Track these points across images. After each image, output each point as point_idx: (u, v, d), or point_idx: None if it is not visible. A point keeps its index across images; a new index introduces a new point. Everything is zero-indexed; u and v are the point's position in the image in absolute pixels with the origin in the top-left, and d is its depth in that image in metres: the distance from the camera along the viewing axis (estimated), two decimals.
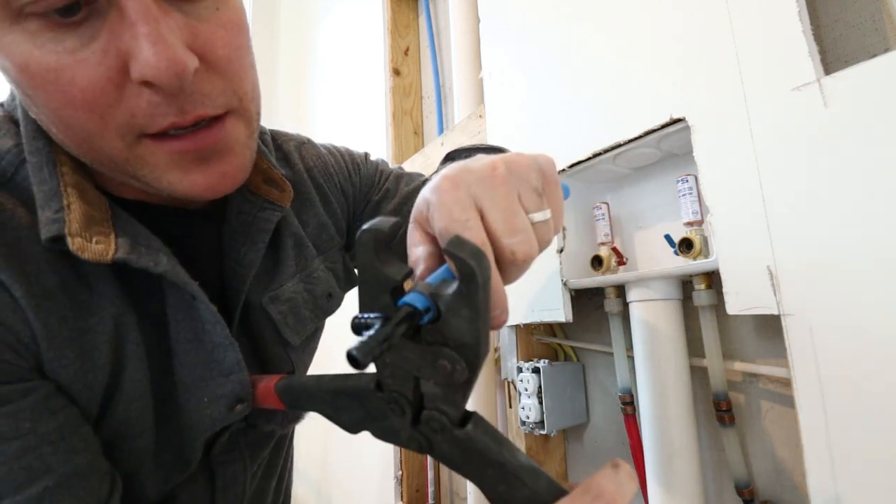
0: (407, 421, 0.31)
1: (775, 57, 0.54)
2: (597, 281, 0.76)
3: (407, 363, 0.29)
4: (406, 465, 1.28)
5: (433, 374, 0.28)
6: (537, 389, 0.83)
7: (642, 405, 0.70)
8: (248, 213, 0.46)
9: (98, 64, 0.30)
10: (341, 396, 0.35)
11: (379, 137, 1.44)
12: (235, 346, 0.42)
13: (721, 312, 0.61)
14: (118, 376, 0.37)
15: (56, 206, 0.34)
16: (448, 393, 0.29)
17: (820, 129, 0.50)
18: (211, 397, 0.41)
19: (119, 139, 0.33)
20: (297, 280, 0.51)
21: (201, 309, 0.40)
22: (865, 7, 0.59)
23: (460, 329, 0.27)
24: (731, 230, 0.58)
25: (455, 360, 0.27)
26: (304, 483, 1.86)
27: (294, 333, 0.50)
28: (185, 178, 0.35)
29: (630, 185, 0.83)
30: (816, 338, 0.50)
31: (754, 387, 0.68)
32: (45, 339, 0.34)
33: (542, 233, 0.31)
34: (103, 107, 0.31)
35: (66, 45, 0.30)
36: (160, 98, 0.32)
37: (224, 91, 0.35)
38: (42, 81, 0.30)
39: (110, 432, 0.38)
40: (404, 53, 1.46)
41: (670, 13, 0.65)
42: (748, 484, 0.65)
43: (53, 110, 0.32)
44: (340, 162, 0.58)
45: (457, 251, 0.25)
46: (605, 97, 0.74)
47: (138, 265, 0.36)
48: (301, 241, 0.52)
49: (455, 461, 0.30)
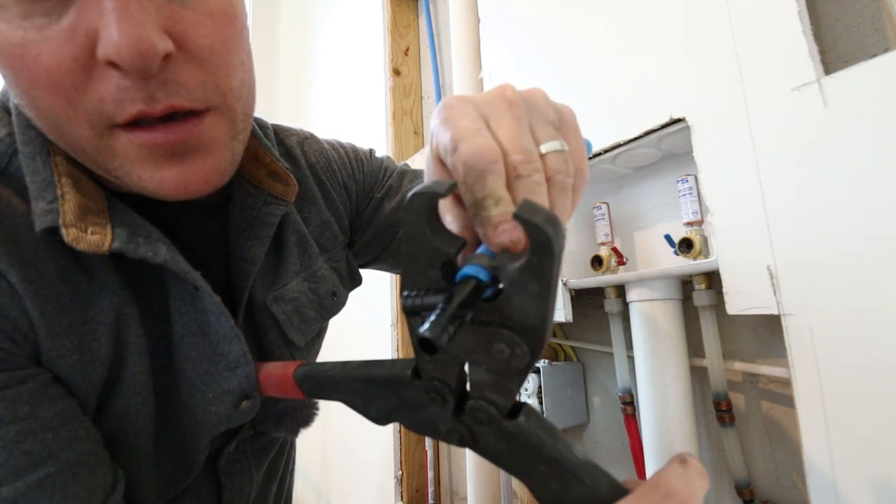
0: (448, 411, 0.28)
1: (775, 57, 0.54)
2: (597, 281, 0.76)
3: (455, 346, 0.26)
4: (406, 465, 1.28)
5: (486, 360, 0.25)
6: (537, 389, 0.83)
7: (642, 405, 0.70)
8: (253, 207, 0.45)
9: (65, 42, 0.28)
10: (372, 385, 0.32)
11: (379, 137, 1.44)
12: (241, 338, 0.40)
13: (721, 312, 0.61)
14: (118, 370, 0.36)
15: (49, 196, 0.33)
16: (500, 380, 0.26)
17: (820, 129, 0.50)
18: (216, 392, 0.40)
19: (88, 127, 0.31)
20: (300, 279, 0.49)
21: (205, 300, 0.39)
22: (865, 7, 0.59)
23: (524, 307, 0.23)
24: (731, 230, 0.58)
25: (515, 343, 0.24)
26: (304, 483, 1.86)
27: (299, 334, 0.49)
28: (155, 174, 0.33)
29: (630, 185, 0.83)
30: (816, 338, 0.50)
31: (754, 387, 0.68)
32: (44, 327, 0.33)
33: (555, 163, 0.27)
34: (69, 89, 0.29)
35: (35, 21, 0.28)
36: (129, 82, 0.29)
37: (204, 84, 0.32)
38: (9, 58, 0.29)
39: (109, 429, 0.36)
40: (404, 53, 1.46)
41: (670, 13, 0.65)
42: (748, 484, 0.65)
43: (24, 91, 0.30)
44: (344, 158, 0.57)
45: (529, 216, 0.22)
46: (605, 97, 0.74)
47: (136, 255, 0.34)
48: (304, 238, 0.50)
49: (502, 456, 0.27)
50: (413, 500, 1.26)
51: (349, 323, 1.59)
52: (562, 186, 0.28)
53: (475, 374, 0.26)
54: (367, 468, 1.45)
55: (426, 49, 1.44)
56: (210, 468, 0.44)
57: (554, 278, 0.22)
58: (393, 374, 0.31)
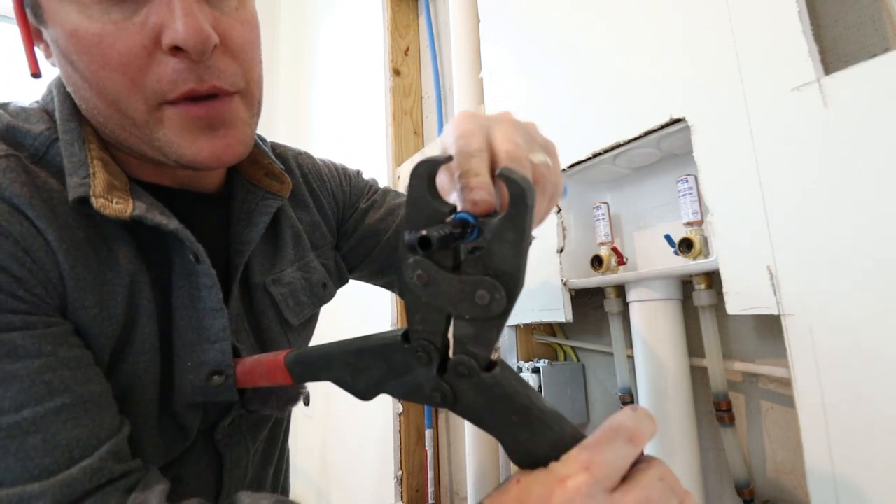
0: (433, 370, 0.31)
1: (775, 57, 0.54)
2: (597, 281, 0.76)
3: (442, 299, 0.29)
4: (406, 464, 1.28)
5: (469, 308, 0.29)
6: (537, 389, 0.83)
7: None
8: (252, 201, 0.52)
9: (136, 34, 0.37)
10: (364, 355, 0.36)
11: (379, 137, 1.44)
12: (225, 313, 0.45)
13: (721, 312, 0.61)
14: (130, 329, 0.42)
15: (83, 173, 0.40)
16: (480, 331, 0.29)
17: (820, 129, 0.50)
18: (195, 362, 0.45)
19: (143, 102, 0.38)
20: (295, 268, 0.56)
21: (201, 275, 0.44)
22: (865, 7, 0.59)
23: (502, 254, 0.27)
24: (731, 230, 0.58)
25: (494, 288, 0.28)
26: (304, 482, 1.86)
27: (293, 315, 0.55)
28: (193, 144, 0.41)
29: (630, 185, 0.83)
30: (816, 338, 0.50)
31: (754, 387, 0.68)
32: (72, 279, 0.39)
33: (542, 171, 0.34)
34: (135, 70, 0.37)
35: (112, 16, 0.36)
36: (184, 65, 0.38)
37: (236, 72, 0.41)
38: (87, 45, 0.37)
39: (121, 384, 0.42)
40: (404, 53, 1.46)
41: (670, 13, 0.65)
42: (748, 484, 0.65)
43: (93, 72, 0.38)
44: (333, 172, 0.65)
45: (509, 174, 0.27)
46: (605, 97, 0.74)
47: (153, 222, 0.41)
48: (298, 233, 0.57)
49: (478, 410, 0.30)
50: (413, 500, 1.26)
51: (349, 323, 1.59)
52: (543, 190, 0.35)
53: (459, 328, 0.30)
54: (367, 468, 1.45)
55: (426, 49, 1.44)
56: (209, 442, 0.50)
57: (527, 226, 0.27)
58: (385, 340, 0.34)
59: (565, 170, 0.79)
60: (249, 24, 0.43)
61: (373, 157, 1.47)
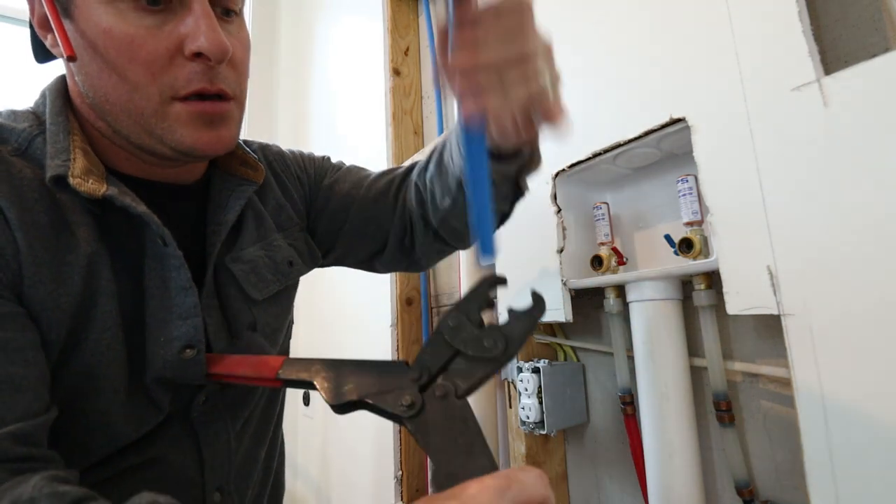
0: (417, 385, 0.37)
1: (775, 57, 0.54)
2: (597, 281, 0.76)
3: (458, 340, 0.38)
4: (406, 465, 1.28)
5: (474, 348, 0.38)
6: (537, 389, 0.83)
7: (642, 405, 0.71)
8: (229, 188, 0.58)
9: (164, 39, 0.44)
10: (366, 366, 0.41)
11: (379, 137, 1.44)
12: (194, 291, 0.50)
13: (721, 312, 0.61)
14: (90, 308, 0.45)
15: (64, 157, 0.45)
16: (472, 368, 0.37)
17: (820, 129, 0.50)
18: (167, 338, 0.49)
19: (157, 94, 0.45)
20: (257, 247, 0.61)
21: (169, 255, 0.49)
22: (865, 7, 0.59)
23: (515, 328, 0.38)
24: (731, 230, 0.58)
25: (499, 338, 0.38)
26: (304, 482, 1.86)
27: (255, 290, 0.59)
28: (194, 134, 0.47)
29: (630, 185, 0.83)
30: (816, 338, 0.50)
31: (754, 387, 0.68)
32: (29, 256, 0.42)
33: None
34: (156, 67, 0.44)
35: (145, 22, 0.44)
36: (200, 69, 0.45)
37: (235, 81, 0.49)
38: (119, 43, 0.44)
39: (86, 359, 0.45)
40: (404, 53, 1.46)
41: (670, 13, 0.65)
42: (748, 484, 0.65)
43: (120, 65, 0.44)
44: (297, 156, 0.71)
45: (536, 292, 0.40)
46: (605, 97, 0.74)
47: (121, 203, 0.46)
48: (260, 214, 0.62)
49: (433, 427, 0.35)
50: (413, 500, 1.26)
51: (349, 323, 1.59)
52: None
53: (457, 364, 0.38)
54: (367, 468, 1.45)
55: (426, 49, 1.44)
56: (187, 420, 0.52)
57: (535, 322, 0.39)
58: (387, 361, 0.41)
59: (565, 170, 0.79)
60: (245, 44, 0.51)
61: (373, 157, 1.46)
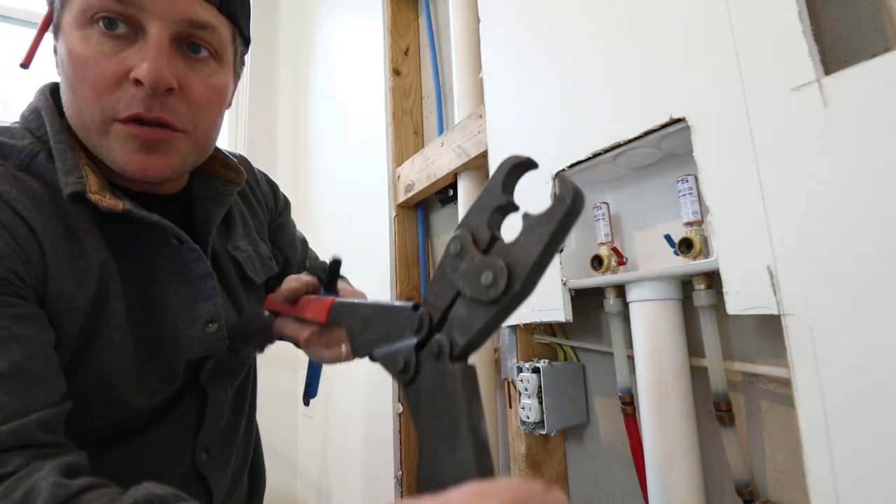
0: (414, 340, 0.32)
1: (775, 57, 0.54)
2: (597, 281, 0.76)
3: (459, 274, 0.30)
4: (406, 465, 1.28)
5: (472, 287, 0.29)
6: (537, 389, 0.83)
7: (642, 405, 0.70)
8: (214, 188, 0.63)
9: (114, 63, 0.48)
10: (378, 311, 0.39)
11: (379, 137, 1.44)
12: (213, 276, 0.57)
13: (721, 312, 0.61)
14: (101, 308, 0.50)
15: (77, 174, 0.49)
16: (469, 315, 0.29)
17: (820, 129, 0.50)
18: (191, 318, 0.56)
19: (100, 113, 0.49)
20: (246, 242, 0.68)
21: (185, 252, 0.55)
22: (865, 7, 0.59)
23: (525, 246, 0.27)
24: (731, 230, 0.58)
25: (500, 273, 0.27)
26: (304, 482, 1.86)
27: (255, 274, 0.67)
28: (128, 156, 0.50)
29: (630, 185, 0.83)
30: (816, 338, 0.50)
31: (754, 387, 0.68)
32: (53, 258, 0.47)
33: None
34: (101, 88, 0.48)
35: (105, 48, 0.48)
36: (140, 95, 0.48)
37: (186, 116, 0.52)
38: (76, 63, 0.48)
39: (100, 351, 0.50)
40: (404, 53, 1.46)
41: (670, 13, 0.65)
42: (748, 484, 0.65)
43: (74, 82, 0.48)
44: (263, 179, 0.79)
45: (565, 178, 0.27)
46: (605, 97, 0.74)
47: (139, 215, 0.51)
48: (245, 216, 0.70)
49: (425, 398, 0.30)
50: None
51: None
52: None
53: (458, 308, 0.30)
54: (367, 468, 1.45)
55: (426, 49, 1.44)
56: (194, 384, 0.60)
57: (560, 228, 0.26)
58: (399, 304, 0.36)
59: (565, 170, 0.79)
60: (213, 88, 0.54)
61: (373, 157, 1.47)
